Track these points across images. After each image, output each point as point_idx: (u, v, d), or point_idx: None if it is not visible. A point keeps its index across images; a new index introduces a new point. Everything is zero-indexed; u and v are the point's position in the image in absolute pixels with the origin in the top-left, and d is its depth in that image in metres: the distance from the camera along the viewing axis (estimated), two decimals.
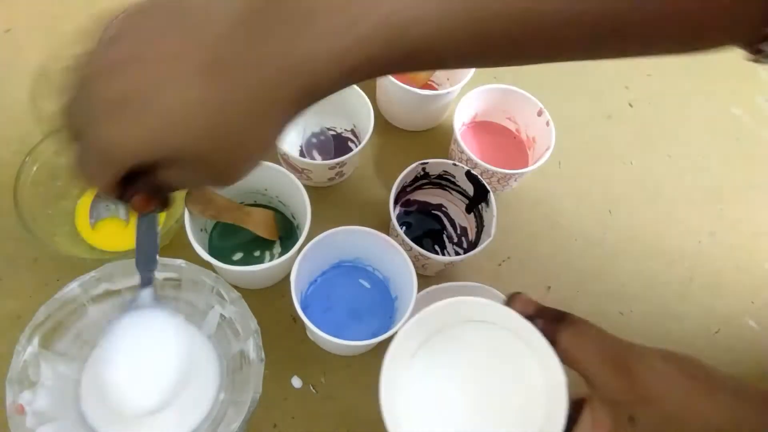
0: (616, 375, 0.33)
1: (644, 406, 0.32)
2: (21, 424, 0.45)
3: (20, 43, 0.71)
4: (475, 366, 0.37)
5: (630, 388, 0.32)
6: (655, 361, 0.33)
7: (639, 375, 0.32)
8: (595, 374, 0.33)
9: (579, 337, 0.34)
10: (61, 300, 0.49)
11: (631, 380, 0.32)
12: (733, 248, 0.70)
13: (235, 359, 0.52)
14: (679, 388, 0.32)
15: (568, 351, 0.34)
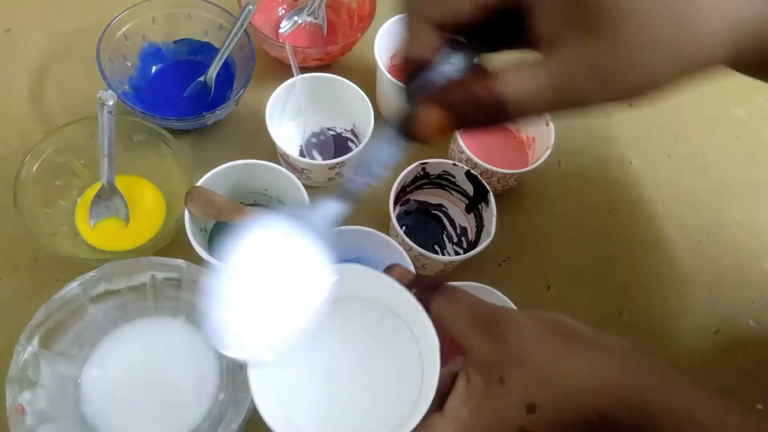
0: (485, 338, 0.33)
1: (513, 367, 0.32)
2: (21, 424, 0.45)
3: (20, 43, 0.71)
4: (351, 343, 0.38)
5: (499, 349, 0.33)
6: (521, 322, 0.33)
7: (507, 336, 0.33)
8: (466, 338, 0.34)
9: (450, 304, 0.35)
10: (61, 300, 0.49)
11: (500, 342, 0.33)
12: (733, 248, 0.70)
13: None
14: (546, 346, 0.33)
15: (441, 317, 0.34)
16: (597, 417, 0.32)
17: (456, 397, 0.33)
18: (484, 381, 0.33)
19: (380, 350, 0.38)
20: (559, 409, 0.32)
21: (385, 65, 0.67)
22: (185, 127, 0.65)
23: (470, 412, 0.33)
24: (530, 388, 0.32)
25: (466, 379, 0.34)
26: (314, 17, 0.72)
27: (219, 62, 0.66)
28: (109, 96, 0.55)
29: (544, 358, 0.33)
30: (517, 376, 0.32)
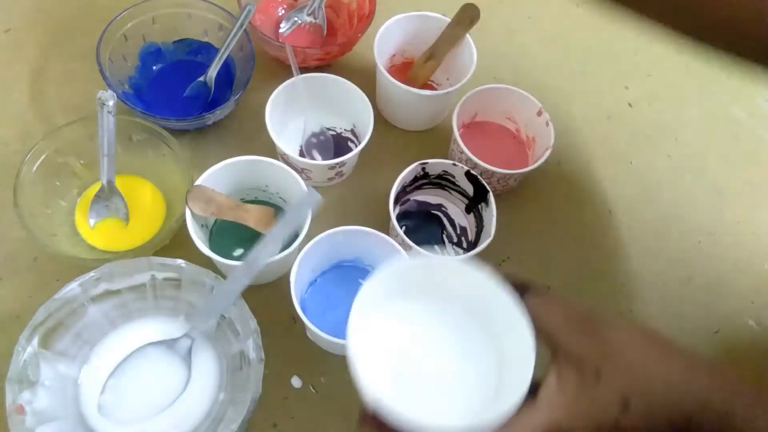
0: (582, 334, 0.34)
1: (610, 362, 0.33)
2: (21, 424, 0.45)
3: (20, 42, 0.71)
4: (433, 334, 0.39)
5: (596, 345, 0.34)
6: (619, 324, 0.35)
7: (604, 333, 0.34)
8: (561, 334, 0.34)
9: (546, 304, 0.36)
10: (60, 300, 0.49)
11: (597, 338, 0.34)
12: (733, 248, 0.70)
13: (234, 359, 0.52)
14: (643, 347, 0.34)
15: (536, 315, 0.35)
16: (684, 420, 0.33)
17: (548, 390, 0.34)
18: (579, 375, 0.33)
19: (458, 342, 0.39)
20: (651, 408, 0.33)
21: (385, 65, 0.67)
22: (185, 127, 0.65)
23: (565, 404, 0.33)
24: (626, 384, 0.33)
25: (557, 373, 0.34)
26: (314, 17, 0.72)
27: (219, 62, 0.66)
28: (109, 96, 0.55)
29: (640, 358, 0.34)
30: (613, 371, 0.33)
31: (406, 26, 0.68)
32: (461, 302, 0.39)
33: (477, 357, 0.38)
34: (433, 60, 0.67)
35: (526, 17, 0.81)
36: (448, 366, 0.38)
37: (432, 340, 0.39)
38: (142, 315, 0.54)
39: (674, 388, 0.33)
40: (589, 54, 0.80)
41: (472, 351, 0.38)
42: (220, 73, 0.67)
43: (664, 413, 0.33)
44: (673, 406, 0.33)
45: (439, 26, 0.67)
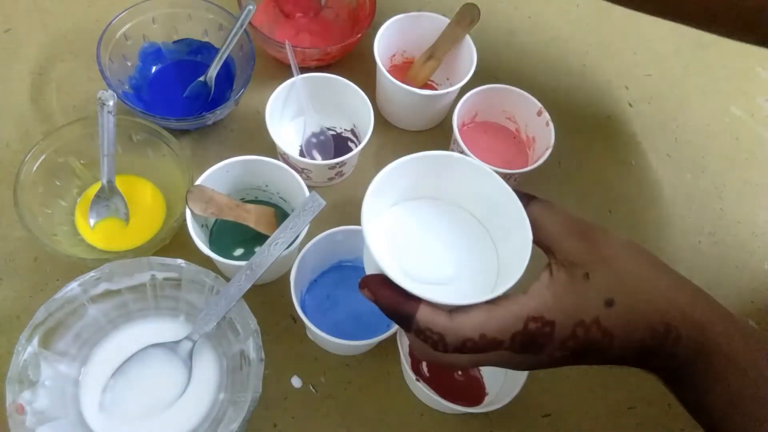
0: (578, 240, 0.36)
1: (600, 266, 0.35)
2: (21, 424, 0.45)
3: (20, 43, 0.71)
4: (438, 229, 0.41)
5: (590, 251, 0.35)
6: (615, 235, 0.37)
7: (599, 242, 0.36)
8: (558, 239, 0.36)
9: (548, 210, 0.37)
10: (61, 300, 0.49)
11: (591, 244, 0.35)
12: (733, 248, 0.70)
13: (235, 359, 0.52)
14: (635, 257, 0.36)
15: (537, 219, 0.37)
16: (664, 327, 0.34)
17: (539, 284, 0.36)
18: (569, 275, 0.35)
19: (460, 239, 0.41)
20: (633, 310, 0.34)
21: (385, 65, 0.67)
22: (185, 127, 0.65)
23: (552, 296, 0.35)
24: (613, 286, 0.34)
25: (549, 273, 0.36)
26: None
27: (219, 62, 0.66)
28: (109, 96, 0.55)
29: (631, 266, 0.35)
30: (602, 274, 0.35)
31: (406, 26, 0.68)
32: (466, 203, 0.42)
33: (477, 254, 0.40)
34: (433, 60, 0.67)
35: (526, 17, 0.81)
36: (448, 257, 0.40)
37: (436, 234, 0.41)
38: (142, 315, 0.54)
39: (659, 295, 0.35)
40: (589, 54, 0.80)
41: (473, 248, 0.41)
42: (220, 73, 0.67)
43: (644, 318, 0.34)
44: (654, 313, 0.34)
45: (439, 26, 0.67)
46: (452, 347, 0.34)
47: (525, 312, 0.34)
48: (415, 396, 0.57)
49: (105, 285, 0.51)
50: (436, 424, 0.57)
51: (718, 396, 0.35)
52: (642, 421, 0.59)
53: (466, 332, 0.34)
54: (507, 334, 0.34)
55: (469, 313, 0.34)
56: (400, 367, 0.58)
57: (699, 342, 0.34)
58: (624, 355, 0.35)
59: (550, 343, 0.34)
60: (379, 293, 0.36)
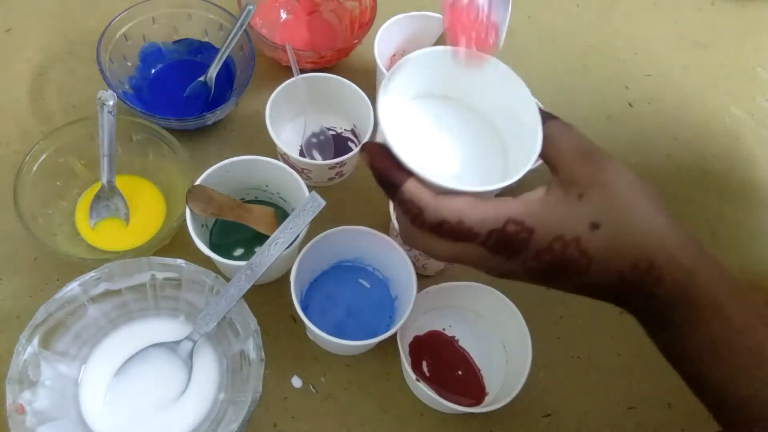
0: (582, 163, 0.35)
1: (596, 190, 0.34)
2: (21, 424, 0.45)
3: (20, 43, 0.71)
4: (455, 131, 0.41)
5: (591, 174, 0.35)
6: (623, 167, 0.36)
7: (603, 166, 0.35)
8: (564, 160, 0.36)
9: (564, 130, 0.37)
10: (61, 300, 0.49)
11: (594, 168, 0.35)
12: (733, 248, 0.70)
13: (235, 359, 0.52)
14: (635, 190, 0.35)
15: (551, 136, 0.37)
16: (647, 264, 0.34)
17: (531, 193, 0.36)
18: (564, 193, 0.35)
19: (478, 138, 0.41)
20: (618, 239, 0.34)
21: (385, 65, 0.67)
22: (185, 127, 0.65)
23: (540, 207, 0.35)
24: (603, 211, 0.34)
25: (546, 187, 0.36)
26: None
27: (219, 62, 0.66)
28: (109, 96, 0.55)
29: (628, 197, 0.34)
30: (596, 197, 0.34)
31: (406, 26, 0.68)
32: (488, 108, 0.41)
33: (485, 158, 0.40)
34: None
35: (526, 17, 0.81)
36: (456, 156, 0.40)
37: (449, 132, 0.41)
38: (142, 315, 0.54)
39: (648, 232, 0.34)
40: (589, 54, 0.80)
41: (482, 152, 0.40)
42: (220, 73, 0.67)
43: (628, 250, 0.34)
44: (639, 248, 0.34)
45: (439, 26, 0.67)
46: (428, 224, 0.35)
47: (508, 213, 0.34)
48: (415, 396, 0.57)
49: (105, 285, 0.51)
50: (436, 424, 0.57)
51: (700, 343, 0.35)
52: (642, 421, 0.59)
53: (445, 213, 0.34)
54: (485, 229, 0.34)
55: (454, 198, 0.34)
56: (400, 367, 0.58)
57: (683, 286, 0.34)
58: (602, 284, 0.35)
59: (526, 250, 0.34)
60: (375, 158, 0.36)
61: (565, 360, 0.61)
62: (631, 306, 0.36)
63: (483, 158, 0.40)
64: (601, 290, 0.36)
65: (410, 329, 0.59)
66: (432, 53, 0.39)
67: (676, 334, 0.35)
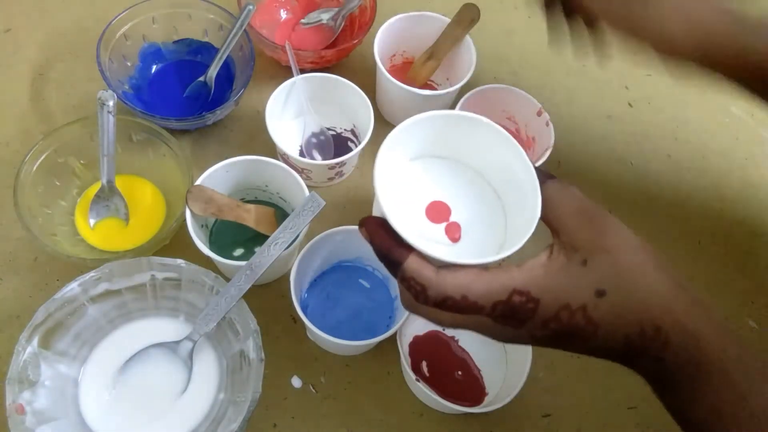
0: (584, 226, 0.35)
1: (600, 255, 0.34)
2: (21, 424, 0.45)
3: (20, 42, 0.71)
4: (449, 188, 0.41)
5: (593, 239, 0.35)
6: (625, 229, 0.36)
7: (606, 230, 0.35)
8: (565, 222, 0.36)
9: (564, 192, 0.37)
10: (60, 300, 0.49)
11: (597, 232, 0.35)
12: (733, 248, 0.70)
13: (235, 359, 0.52)
14: (639, 254, 0.35)
15: (551, 199, 0.36)
16: (652, 330, 0.34)
17: (534, 260, 0.35)
18: (568, 259, 0.34)
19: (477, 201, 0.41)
20: (624, 306, 0.34)
21: (385, 65, 0.67)
22: (185, 127, 0.65)
23: (544, 275, 0.34)
24: (608, 277, 0.34)
25: (549, 253, 0.35)
26: (335, 23, 0.72)
27: (219, 62, 0.66)
28: (109, 96, 0.55)
29: (633, 262, 0.34)
30: (600, 263, 0.34)
31: (406, 26, 0.68)
32: (485, 169, 0.41)
33: (485, 221, 0.40)
34: (433, 60, 0.67)
35: (526, 17, 0.81)
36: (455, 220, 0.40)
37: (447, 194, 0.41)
38: (142, 315, 0.54)
39: (654, 297, 0.34)
40: (589, 54, 0.80)
41: (482, 215, 0.40)
42: (220, 73, 0.67)
43: (635, 316, 0.34)
44: (646, 313, 0.34)
45: (439, 26, 0.67)
46: (432, 301, 0.34)
47: (512, 283, 0.34)
48: (415, 396, 0.57)
49: (105, 285, 0.51)
50: (436, 424, 0.57)
51: (706, 408, 0.35)
52: (642, 421, 0.59)
53: (448, 290, 0.34)
54: (489, 301, 0.34)
55: (455, 273, 0.34)
56: (400, 367, 0.58)
57: (689, 351, 0.34)
58: (609, 348, 0.35)
59: (532, 320, 0.34)
60: (374, 234, 0.36)
61: (565, 360, 0.61)
62: (638, 368, 0.36)
63: (485, 221, 0.40)
64: (608, 353, 0.35)
65: (410, 329, 0.59)
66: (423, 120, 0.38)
67: (682, 397, 0.35)
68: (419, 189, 0.40)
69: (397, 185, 0.40)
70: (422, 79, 0.69)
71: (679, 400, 0.36)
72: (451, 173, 0.41)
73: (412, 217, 0.39)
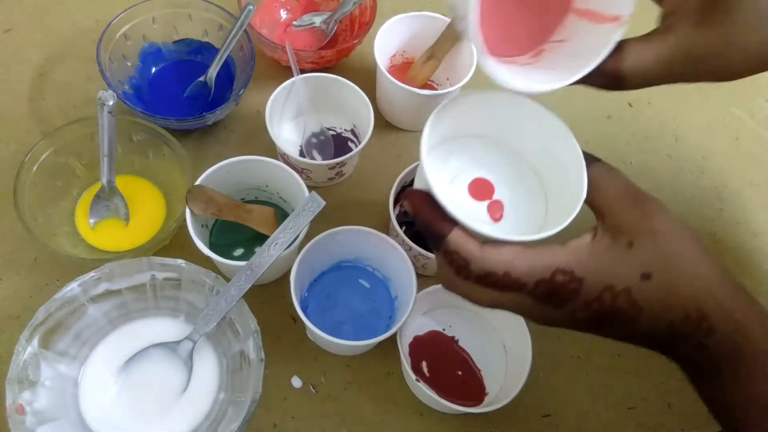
0: (631, 208, 0.35)
1: (647, 238, 0.33)
2: (21, 424, 0.45)
3: (20, 43, 0.71)
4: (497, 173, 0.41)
5: (640, 221, 0.34)
6: (670, 213, 0.35)
7: (652, 213, 0.34)
8: (611, 203, 0.35)
9: (609, 174, 0.36)
10: (60, 300, 0.49)
11: (643, 215, 0.34)
12: (733, 248, 0.70)
13: (235, 359, 0.52)
14: (685, 238, 0.34)
15: (596, 182, 0.36)
16: (697, 316, 0.33)
17: (579, 240, 0.35)
18: (613, 240, 0.34)
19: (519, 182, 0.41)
20: (669, 290, 0.33)
21: (385, 65, 0.67)
22: (185, 127, 0.65)
23: (589, 255, 0.34)
24: (654, 260, 0.33)
25: (594, 234, 0.35)
26: (327, 27, 0.72)
27: (219, 62, 0.66)
28: (109, 96, 0.55)
29: (679, 246, 0.34)
30: (647, 246, 0.33)
31: (406, 26, 0.68)
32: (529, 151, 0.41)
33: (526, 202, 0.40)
34: (433, 60, 0.67)
35: None
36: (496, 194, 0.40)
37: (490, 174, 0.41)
38: (142, 315, 0.54)
39: (700, 282, 0.33)
40: None
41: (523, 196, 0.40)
42: (220, 73, 0.67)
43: (680, 300, 0.33)
44: (691, 298, 0.33)
45: (439, 26, 0.67)
46: (474, 276, 0.34)
47: (556, 262, 0.33)
48: (415, 396, 0.57)
49: (105, 285, 0.51)
50: (436, 424, 0.57)
51: (747, 398, 0.34)
52: (642, 421, 0.59)
53: (491, 265, 0.33)
54: (532, 279, 0.33)
55: (500, 248, 0.34)
56: (400, 367, 0.58)
57: (734, 339, 0.33)
58: (650, 334, 0.34)
59: (574, 300, 0.34)
60: (419, 207, 0.35)
61: (565, 360, 0.61)
62: (678, 355, 0.36)
63: (525, 201, 0.40)
64: (649, 339, 0.35)
65: (410, 329, 0.59)
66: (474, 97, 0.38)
67: (722, 386, 0.35)
68: (462, 166, 0.40)
69: (440, 160, 0.40)
70: (422, 79, 0.69)
71: (719, 388, 0.35)
72: (493, 152, 0.41)
73: (455, 193, 0.39)
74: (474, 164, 0.41)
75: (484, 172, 0.40)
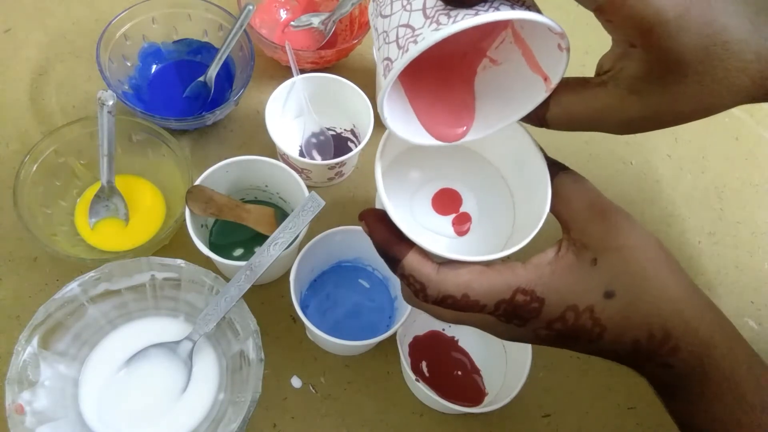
0: (596, 222, 0.33)
1: (611, 254, 0.32)
2: (21, 424, 0.45)
3: (20, 43, 0.71)
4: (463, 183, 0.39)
5: (605, 236, 0.33)
6: (638, 227, 0.33)
7: (619, 228, 0.33)
8: (576, 217, 0.34)
9: (576, 185, 0.35)
10: (60, 300, 0.49)
11: (610, 230, 0.33)
12: (733, 248, 0.70)
13: (234, 359, 0.52)
14: (651, 254, 0.33)
15: (562, 192, 0.35)
16: (662, 335, 0.32)
17: (541, 257, 0.34)
18: (577, 257, 0.33)
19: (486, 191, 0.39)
20: (633, 308, 0.32)
21: None
22: (185, 127, 0.65)
23: (551, 273, 0.33)
24: (617, 278, 0.32)
25: (557, 249, 0.34)
26: (325, 27, 0.72)
27: (219, 62, 0.66)
28: (109, 96, 0.55)
29: (645, 263, 0.32)
30: (611, 263, 0.32)
31: None
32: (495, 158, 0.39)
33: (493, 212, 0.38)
34: None
35: None
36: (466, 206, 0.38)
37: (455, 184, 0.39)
38: (142, 315, 0.54)
39: (665, 301, 0.32)
40: (589, 53, 0.80)
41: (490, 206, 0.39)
42: (220, 73, 0.67)
43: (644, 319, 0.32)
44: (656, 317, 0.32)
45: None
46: (432, 299, 0.33)
47: (517, 281, 0.32)
48: (415, 396, 0.57)
49: (105, 285, 0.51)
50: (436, 424, 0.57)
51: (711, 417, 0.33)
52: (642, 421, 0.59)
53: (448, 288, 0.33)
54: (492, 300, 0.33)
55: (457, 270, 0.33)
56: (400, 367, 0.58)
57: (699, 358, 0.33)
58: (615, 351, 0.34)
59: (536, 320, 0.33)
60: (374, 228, 0.34)
61: (565, 360, 0.61)
62: (645, 372, 0.35)
63: (493, 212, 0.39)
64: (614, 356, 0.34)
65: (410, 329, 0.59)
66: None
67: (688, 405, 0.34)
68: (424, 177, 0.39)
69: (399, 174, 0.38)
70: None
71: (685, 407, 0.35)
72: (462, 161, 0.40)
73: (417, 208, 0.38)
74: (437, 174, 0.39)
75: (450, 181, 0.39)
